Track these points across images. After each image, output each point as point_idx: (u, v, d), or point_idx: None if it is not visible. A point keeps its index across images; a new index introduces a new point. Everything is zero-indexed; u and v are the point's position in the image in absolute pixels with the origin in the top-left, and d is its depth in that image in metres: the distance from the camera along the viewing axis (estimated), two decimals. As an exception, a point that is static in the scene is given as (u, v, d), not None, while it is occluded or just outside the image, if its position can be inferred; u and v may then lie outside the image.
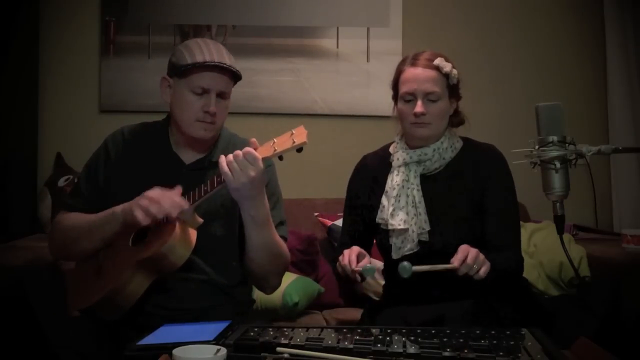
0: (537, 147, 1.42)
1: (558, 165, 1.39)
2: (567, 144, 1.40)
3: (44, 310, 2.06)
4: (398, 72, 1.88)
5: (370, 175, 1.96)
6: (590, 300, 2.35)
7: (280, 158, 1.57)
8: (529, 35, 3.35)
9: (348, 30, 3.25)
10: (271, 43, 3.22)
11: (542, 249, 2.63)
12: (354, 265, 1.67)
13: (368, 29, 3.25)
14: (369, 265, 1.62)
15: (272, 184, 1.82)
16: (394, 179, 1.87)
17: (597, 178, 3.23)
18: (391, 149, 1.95)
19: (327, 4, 3.23)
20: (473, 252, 1.62)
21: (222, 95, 1.74)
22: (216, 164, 1.61)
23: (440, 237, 1.80)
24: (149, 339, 1.38)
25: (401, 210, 1.83)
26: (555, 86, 3.33)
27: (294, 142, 1.52)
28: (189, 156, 1.80)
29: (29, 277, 2.12)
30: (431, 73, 1.82)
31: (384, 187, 1.89)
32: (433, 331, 1.41)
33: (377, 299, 1.65)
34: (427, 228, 1.80)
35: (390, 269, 1.91)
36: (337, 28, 3.25)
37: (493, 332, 1.40)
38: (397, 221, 1.82)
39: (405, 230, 1.82)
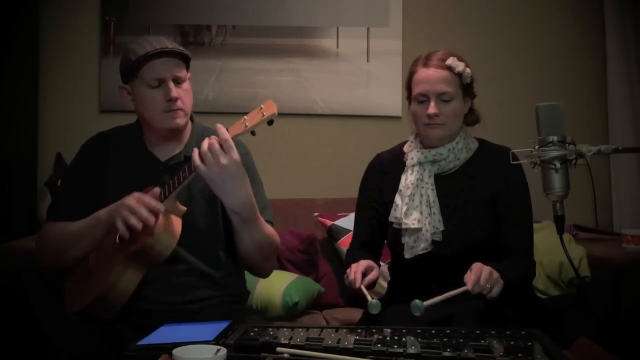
0: (537, 147, 1.41)
1: (558, 165, 1.39)
2: (567, 144, 1.40)
3: (44, 310, 2.05)
4: (411, 72, 1.87)
5: (383, 173, 1.95)
6: (590, 300, 2.34)
7: (253, 133, 1.56)
8: (529, 35, 3.35)
9: (348, 30, 3.25)
10: (271, 43, 3.22)
11: (542, 249, 2.62)
12: (358, 284, 1.68)
13: (368, 29, 3.25)
14: (375, 301, 1.60)
15: (250, 172, 1.82)
16: (408, 178, 1.87)
17: (597, 178, 3.23)
18: (405, 148, 1.95)
19: (327, 4, 3.23)
20: (486, 271, 1.61)
21: (178, 80, 1.74)
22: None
23: (454, 238, 1.80)
24: (149, 339, 1.38)
25: (415, 210, 1.83)
26: (555, 86, 3.33)
27: (263, 115, 1.52)
28: (164, 153, 1.81)
29: (29, 277, 2.12)
30: (443, 73, 1.80)
31: (398, 186, 1.89)
32: (433, 331, 1.41)
33: (373, 299, 1.64)
34: (441, 228, 1.80)
35: (400, 267, 1.91)
36: (337, 28, 3.25)
37: (493, 332, 1.40)
38: (411, 220, 1.82)
39: (419, 230, 1.81)
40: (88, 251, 1.71)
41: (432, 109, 1.79)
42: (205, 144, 1.57)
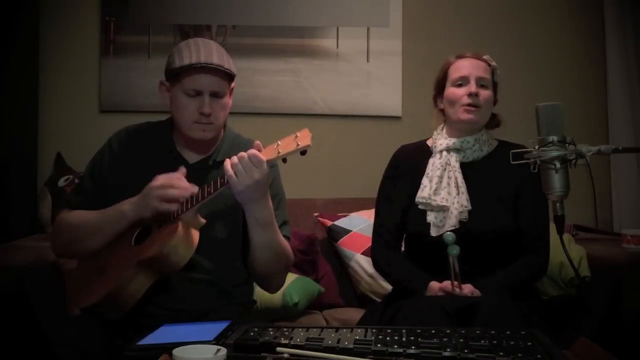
0: (537, 147, 1.42)
1: (558, 165, 1.39)
2: (567, 144, 1.40)
3: (44, 310, 2.05)
4: (446, 66, 2.02)
5: (407, 163, 2.05)
6: (590, 300, 2.34)
7: (284, 160, 1.56)
8: (529, 35, 3.35)
9: (348, 30, 3.25)
10: (271, 43, 3.22)
11: (542, 249, 2.62)
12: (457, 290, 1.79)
13: (368, 29, 3.25)
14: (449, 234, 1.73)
15: (275, 185, 1.82)
16: (436, 162, 1.97)
17: (597, 178, 3.21)
18: (429, 142, 2.06)
19: (327, 4, 3.23)
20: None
21: (216, 95, 1.73)
22: (220, 164, 1.61)
23: (480, 219, 1.88)
24: (149, 339, 1.38)
25: (443, 190, 1.91)
26: (555, 86, 3.33)
27: (298, 144, 1.51)
28: (192, 156, 1.81)
29: (29, 277, 2.12)
30: (481, 63, 2.00)
31: (423, 172, 1.98)
32: (433, 331, 1.41)
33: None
34: (469, 207, 1.88)
35: (422, 253, 1.93)
36: (337, 28, 3.25)
37: (493, 332, 1.40)
38: (440, 198, 1.90)
39: (447, 209, 1.88)
40: (103, 245, 1.70)
41: (473, 87, 1.93)
42: (235, 157, 1.56)
